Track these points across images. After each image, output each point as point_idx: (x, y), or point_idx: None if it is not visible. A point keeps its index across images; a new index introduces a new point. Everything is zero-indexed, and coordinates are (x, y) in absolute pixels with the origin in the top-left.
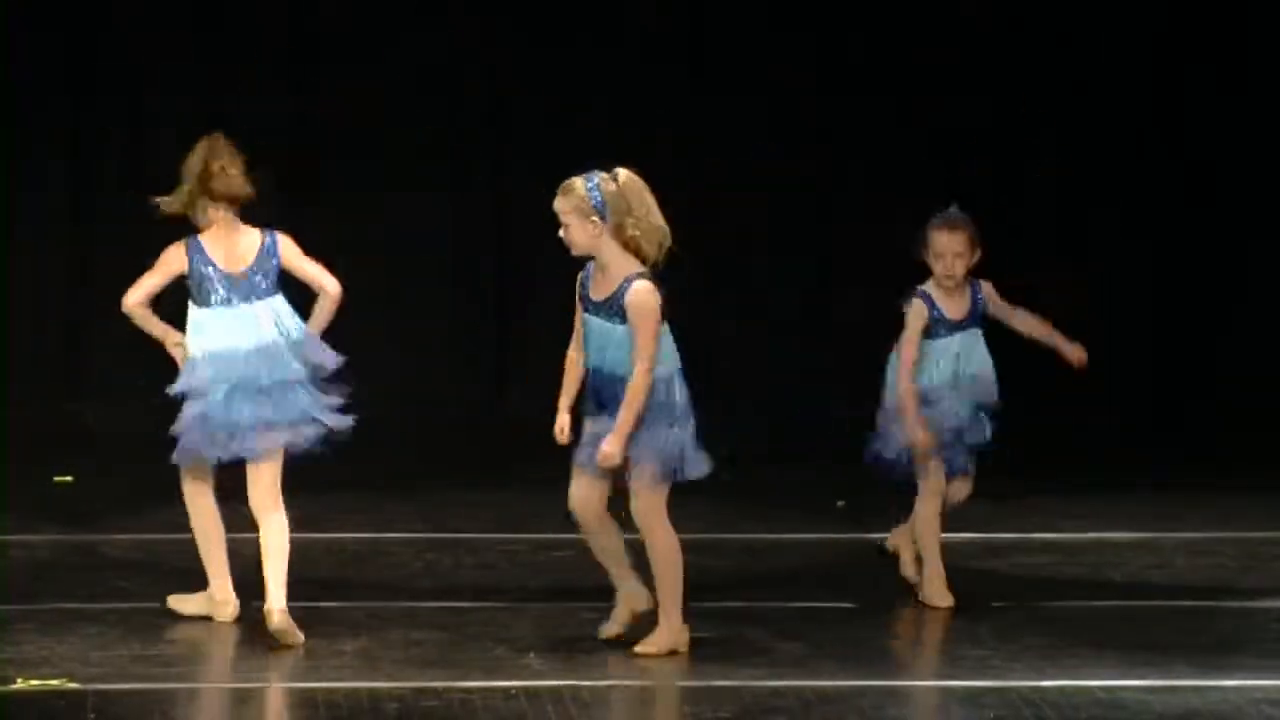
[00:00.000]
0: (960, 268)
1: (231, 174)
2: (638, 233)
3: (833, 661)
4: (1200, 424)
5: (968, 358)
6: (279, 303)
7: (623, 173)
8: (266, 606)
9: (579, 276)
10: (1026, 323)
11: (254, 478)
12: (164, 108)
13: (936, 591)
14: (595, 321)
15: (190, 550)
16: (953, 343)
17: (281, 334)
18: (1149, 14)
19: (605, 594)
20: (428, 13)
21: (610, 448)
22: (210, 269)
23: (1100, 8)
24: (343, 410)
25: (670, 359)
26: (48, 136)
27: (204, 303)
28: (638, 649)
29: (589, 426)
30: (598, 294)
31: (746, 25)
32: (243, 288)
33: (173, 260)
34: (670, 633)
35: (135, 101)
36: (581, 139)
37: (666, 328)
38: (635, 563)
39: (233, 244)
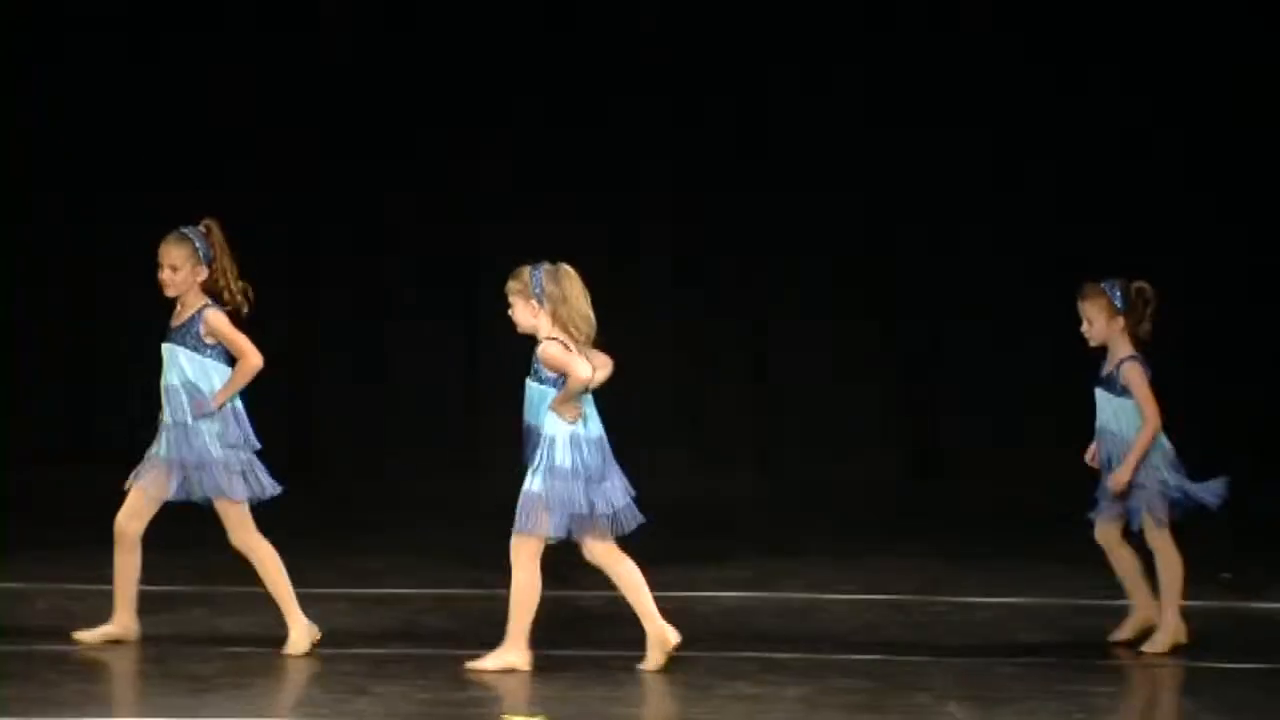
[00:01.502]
0: (1090, 331)
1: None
2: (565, 319)
3: (1216, 715)
4: None
5: (1101, 411)
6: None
7: (564, 267)
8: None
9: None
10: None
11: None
12: None
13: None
14: (531, 387)
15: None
16: (1097, 394)
17: None
18: None
19: (1019, 650)
20: None
21: None
22: None
23: None
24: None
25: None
26: None
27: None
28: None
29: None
30: (536, 361)
31: None
32: None
33: None
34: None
35: None
36: None
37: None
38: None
39: None
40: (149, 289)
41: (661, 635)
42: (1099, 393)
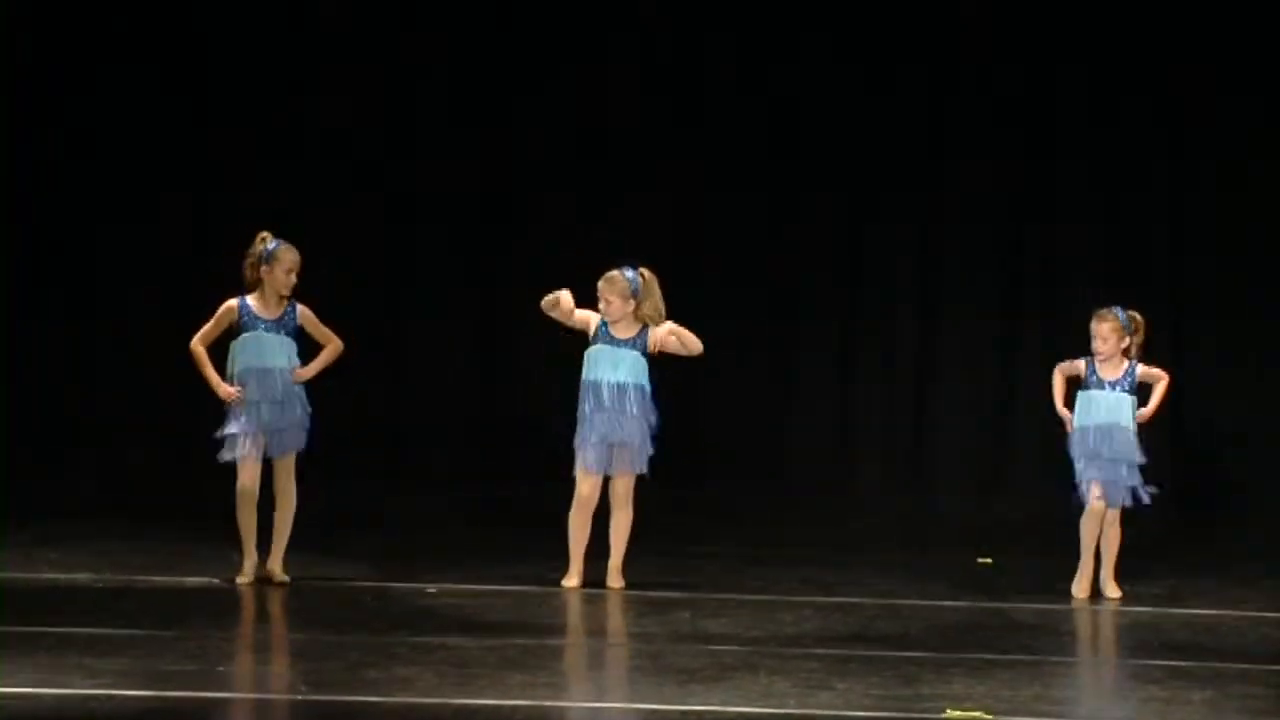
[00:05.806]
0: (1102, 347)
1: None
2: (645, 311)
3: None
4: None
5: (1109, 411)
6: None
7: (646, 271)
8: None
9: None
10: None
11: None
12: None
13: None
14: (609, 349)
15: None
16: (1098, 395)
17: None
18: None
19: None
20: None
21: None
22: None
23: None
24: None
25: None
26: None
27: None
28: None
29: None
30: (621, 335)
31: None
32: None
33: None
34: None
35: None
36: None
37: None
38: None
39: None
40: None
41: (616, 577)
42: (1101, 394)
